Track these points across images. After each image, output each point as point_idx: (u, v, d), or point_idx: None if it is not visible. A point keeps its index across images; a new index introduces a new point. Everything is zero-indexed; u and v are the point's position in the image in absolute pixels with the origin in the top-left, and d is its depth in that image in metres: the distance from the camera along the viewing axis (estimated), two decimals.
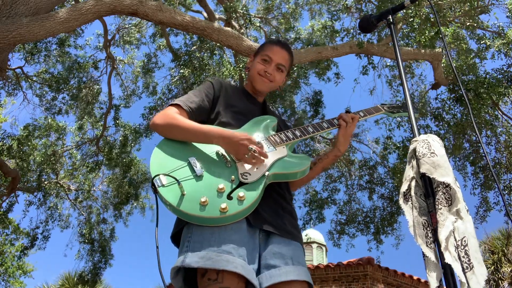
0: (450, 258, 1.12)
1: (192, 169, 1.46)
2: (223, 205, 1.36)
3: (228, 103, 1.75)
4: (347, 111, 1.87)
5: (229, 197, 1.40)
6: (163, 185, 1.39)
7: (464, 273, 1.10)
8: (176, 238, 1.55)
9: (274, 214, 1.56)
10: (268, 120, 1.77)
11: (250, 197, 1.42)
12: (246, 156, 1.50)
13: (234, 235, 1.40)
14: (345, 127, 1.80)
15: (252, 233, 1.48)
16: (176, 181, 1.38)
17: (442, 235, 1.15)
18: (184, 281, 1.45)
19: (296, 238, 1.58)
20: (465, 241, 1.15)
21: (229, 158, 1.53)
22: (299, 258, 1.53)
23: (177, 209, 1.36)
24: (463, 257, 1.13)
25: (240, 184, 1.45)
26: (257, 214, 1.50)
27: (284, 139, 1.68)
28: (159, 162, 1.47)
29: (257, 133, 1.68)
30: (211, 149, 1.56)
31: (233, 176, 1.46)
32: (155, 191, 1.39)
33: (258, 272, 1.45)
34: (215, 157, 1.53)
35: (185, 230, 1.47)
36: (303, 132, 1.74)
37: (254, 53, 1.94)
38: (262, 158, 1.51)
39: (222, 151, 1.56)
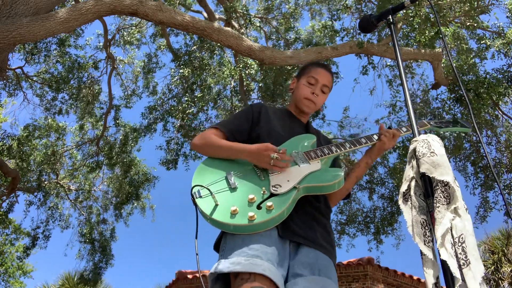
0: (445, 254, 1.13)
1: (228, 182, 1.58)
2: (251, 214, 1.44)
3: (270, 124, 1.82)
4: (389, 127, 1.90)
5: (259, 207, 1.48)
6: (200, 196, 1.53)
7: (460, 269, 1.11)
8: (217, 248, 1.63)
9: (305, 226, 1.59)
10: (307, 137, 1.84)
11: (278, 207, 1.48)
12: (269, 164, 1.58)
13: (263, 240, 1.45)
14: (385, 142, 1.84)
15: (283, 242, 1.52)
16: (210, 193, 1.51)
17: (438, 232, 1.16)
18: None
19: (328, 252, 1.59)
20: (462, 238, 1.16)
21: (262, 172, 1.62)
22: (328, 272, 1.53)
23: (210, 218, 1.47)
24: (460, 253, 1.13)
25: (271, 195, 1.52)
26: (287, 225, 1.54)
27: (319, 154, 1.73)
28: (200, 176, 1.62)
29: (294, 149, 1.73)
30: (248, 164, 1.66)
31: (264, 188, 1.55)
32: (194, 203, 1.52)
33: (286, 281, 1.48)
34: (251, 171, 1.64)
35: (222, 240, 1.56)
36: (339, 148, 1.78)
37: (297, 75, 2.02)
38: (284, 163, 1.58)
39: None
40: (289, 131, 1.83)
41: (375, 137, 1.87)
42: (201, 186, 1.54)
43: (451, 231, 1.17)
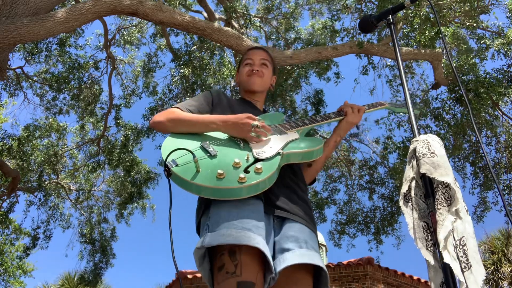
0: (448, 257, 1.12)
1: (206, 151, 1.46)
2: (242, 175, 1.35)
3: (230, 109, 1.78)
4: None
5: (246, 170, 1.40)
6: (177, 165, 1.38)
7: (462, 272, 1.11)
8: (199, 230, 1.56)
9: (288, 201, 1.57)
10: (275, 115, 1.83)
11: (267, 169, 1.42)
12: (250, 133, 1.52)
13: (252, 214, 1.39)
14: (350, 113, 1.84)
15: (267, 218, 1.48)
16: (192, 154, 1.38)
17: (441, 235, 1.16)
18: (211, 270, 1.43)
19: (310, 225, 1.57)
20: (463, 241, 1.15)
21: (241, 140, 1.55)
22: (313, 243, 1.51)
23: (193, 183, 1.34)
24: (461, 256, 1.13)
25: (256, 161, 1.46)
26: (270, 201, 1.51)
27: (294, 125, 1.72)
28: (171, 147, 1.46)
29: (267, 122, 1.70)
30: (223, 134, 1.58)
31: (248, 154, 1.47)
32: (169, 174, 1.38)
33: (273, 258, 1.42)
34: (228, 140, 1.56)
35: (202, 219, 1.49)
36: (311, 121, 1.79)
37: (237, 69, 2.03)
38: (265, 132, 1.54)
39: None
40: None
41: (342, 112, 1.88)
42: (184, 149, 1.40)
43: (453, 233, 1.16)
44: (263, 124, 1.54)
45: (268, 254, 1.32)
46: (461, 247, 1.14)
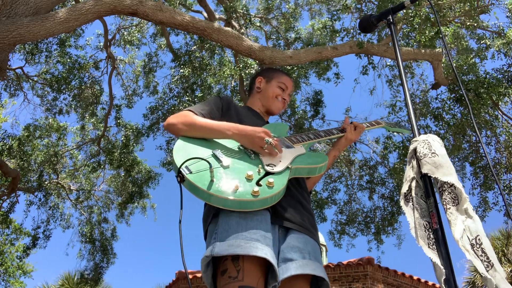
0: (469, 256, 1.12)
1: (218, 160, 1.48)
2: (256, 189, 1.38)
3: (238, 117, 1.81)
4: (351, 122, 2.04)
5: (258, 184, 1.43)
6: (191, 172, 1.39)
7: (487, 271, 1.11)
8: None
9: (293, 211, 1.61)
10: (281, 125, 1.92)
11: (279, 184, 1.47)
12: (262, 148, 1.55)
13: (260, 224, 1.42)
14: (349, 131, 1.97)
15: (273, 227, 1.52)
16: (207, 163, 1.39)
17: (456, 233, 1.15)
18: (214, 277, 1.46)
19: (314, 236, 1.62)
20: (479, 239, 1.15)
21: (251, 151, 1.58)
22: (316, 255, 1.56)
23: (208, 193, 1.35)
24: (481, 255, 1.13)
25: (267, 174, 1.50)
26: (277, 211, 1.54)
27: (300, 139, 1.79)
28: (184, 153, 1.47)
29: (274, 134, 1.74)
30: (233, 143, 1.61)
31: (259, 166, 1.51)
32: (182, 180, 1.39)
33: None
34: (239, 150, 1.58)
35: (210, 227, 1.50)
36: (316, 136, 1.87)
37: (263, 75, 2.06)
38: (277, 151, 1.58)
39: None
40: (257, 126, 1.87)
41: (344, 130, 2.00)
42: (200, 158, 1.41)
43: (465, 232, 1.16)
44: (277, 143, 1.57)
45: (275, 264, 1.36)
46: (478, 246, 1.14)
